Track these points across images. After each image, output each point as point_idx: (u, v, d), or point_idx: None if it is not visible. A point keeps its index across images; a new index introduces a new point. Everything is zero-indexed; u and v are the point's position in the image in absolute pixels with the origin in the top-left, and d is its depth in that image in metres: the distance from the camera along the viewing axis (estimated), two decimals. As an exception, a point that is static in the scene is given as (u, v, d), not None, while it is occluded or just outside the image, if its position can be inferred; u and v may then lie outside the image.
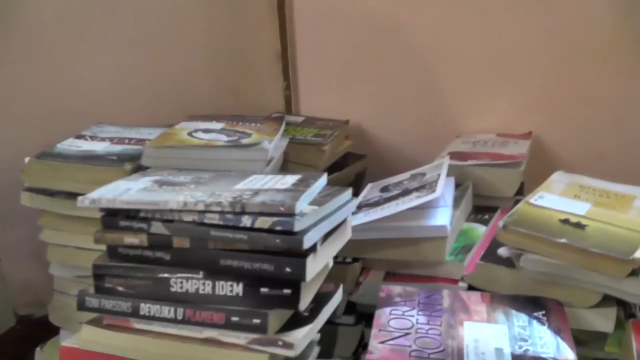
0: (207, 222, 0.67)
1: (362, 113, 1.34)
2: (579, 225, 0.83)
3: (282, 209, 0.64)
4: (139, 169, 0.87)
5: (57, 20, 1.08)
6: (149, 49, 1.21)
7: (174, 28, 1.25)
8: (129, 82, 1.19)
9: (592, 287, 0.79)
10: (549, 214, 0.86)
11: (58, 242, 0.91)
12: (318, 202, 0.71)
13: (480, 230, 0.96)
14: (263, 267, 0.66)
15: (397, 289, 0.83)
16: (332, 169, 1.16)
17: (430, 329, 0.74)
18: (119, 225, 0.71)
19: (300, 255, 0.65)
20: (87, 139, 0.98)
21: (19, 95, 1.11)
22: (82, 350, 0.72)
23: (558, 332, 0.73)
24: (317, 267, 0.68)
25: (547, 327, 0.74)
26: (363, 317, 0.92)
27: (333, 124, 1.22)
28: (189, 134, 0.94)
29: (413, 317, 0.77)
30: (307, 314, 0.72)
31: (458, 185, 1.05)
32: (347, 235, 0.79)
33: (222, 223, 0.66)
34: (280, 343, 0.66)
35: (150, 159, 0.88)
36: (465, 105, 1.30)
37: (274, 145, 0.93)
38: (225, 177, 0.79)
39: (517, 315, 0.76)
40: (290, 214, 0.64)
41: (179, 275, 0.69)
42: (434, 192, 0.88)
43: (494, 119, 1.28)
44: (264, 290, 0.67)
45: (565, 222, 0.84)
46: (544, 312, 0.77)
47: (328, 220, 0.70)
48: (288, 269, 0.65)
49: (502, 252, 0.86)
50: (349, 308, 0.93)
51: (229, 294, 0.68)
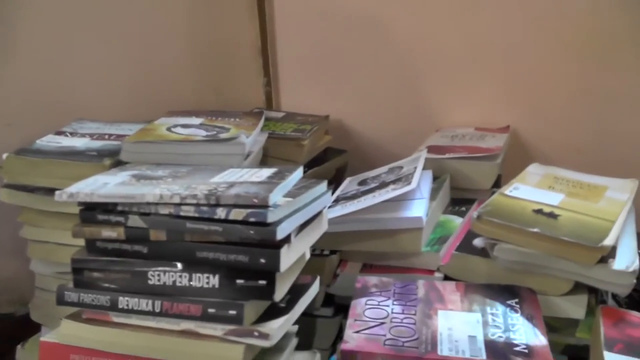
0: (182, 214, 0.68)
1: (342, 108, 1.36)
2: (552, 215, 0.84)
3: (255, 201, 0.65)
4: (119, 165, 0.87)
5: (37, 16, 1.08)
6: (131, 46, 1.21)
7: (155, 25, 1.25)
8: (111, 78, 1.19)
9: (564, 275, 0.80)
10: (523, 205, 0.88)
11: (38, 238, 0.91)
12: (293, 194, 0.71)
13: (457, 222, 0.97)
14: (238, 258, 0.67)
15: (373, 280, 0.84)
16: (312, 164, 1.17)
17: (405, 318, 0.75)
18: (97, 219, 0.71)
19: (274, 246, 0.65)
20: (67, 135, 0.98)
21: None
22: (61, 345, 0.73)
23: (530, 319, 0.74)
24: (291, 258, 0.69)
25: (520, 314, 0.75)
26: (341, 308, 0.93)
27: (313, 119, 1.23)
28: (168, 129, 0.94)
29: (388, 306, 0.78)
30: (283, 305, 0.73)
31: (436, 178, 1.06)
32: (323, 227, 0.79)
33: (197, 215, 0.67)
34: (256, 334, 0.67)
35: (129, 154, 0.88)
36: (445, 100, 1.31)
37: (252, 140, 0.93)
38: (203, 170, 0.80)
39: (491, 304, 0.77)
40: (264, 206, 0.65)
41: (157, 268, 0.70)
42: (410, 184, 0.89)
43: (473, 114, 1.29)
44: (240, 282, 0.67)
45: (539, 212, 0.85)
46: (517, 300, 0.78)
47: (302, 212, 0.71)
48: (262, 260, 0.66)
49: (477, 242, 0.87)
50: (328, 300, 0.94)
51: (206, 286, 0.68)
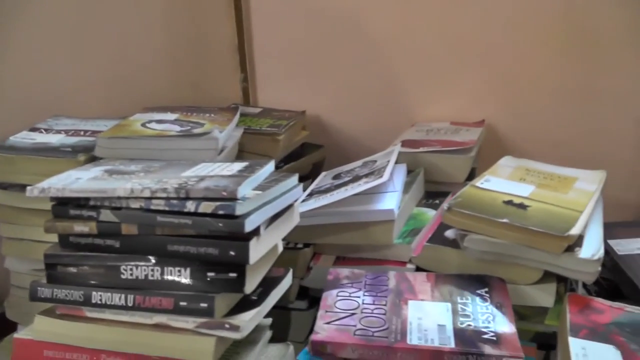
0: (153, 208, 0.68)
1: (319, 104, 1.37)
2: (522, 206, 0.86)
3: (224, 194, 0.66)
4: (93, 160, 0.87)
5: (12, 13, 1.08)
6: (107, 42, 1.21)
7: (132, 21, 1.25)
8: (87, 75, 1.18)
9: (533, 264, 0.82)
10: (494, 196, 0.89)
11: (13, 235, 0.91)
12: (263, 187, 0.72)
13: (430, 215, 0.98)
14: (208, 251, 0.67)
15: (345, 272, 0.85)
16: (289, 159, 1.18)
17: (376, 309, 0.76)
18: (69, 214, 0.72)
19: (244, 239, 0.66)
20: (41, 132, 0.98)
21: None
22: (35, 342, 0.73)
23: (500, 307, 0.76)
24: (261, 250, 0.69)
25: (489, 303, 0.77)
26: (316, 301, 0.93)
27: (289, 115, 1.24)
28: (143, 125, 0.94)
29: (359, 297, 0.79)
30: (255, 298, 0.73)
31: (411, 172, 1.07)
32: (294, 221, 0.80)
33: (167, 209, 0.68)
34: (227, 326, 0.67)
35: (103, 150, 0.89)
36: (421, 95, 1.32)
37: (226, 135, 0.94)
38: (175, 165, 0.80)
39: (460, 293, 0.79)
40: (233, 199, 0.65)
41: (129, 263, 0.70)
42: (381, 177, 0.90)
43: (449, 108, 1.30)
44: (211, 275, 0.68)
45: (509, 203, 0.87)
46: (487, 289, 0.80)
47: (272, 205, 0.71)
48: (232, 253, 0.66)
49: (448, 234, 0.89)
50: (302, 293, 0.94)
51: (177, 279, 0.69)
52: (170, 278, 0.69)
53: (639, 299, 0.82)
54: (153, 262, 0.69)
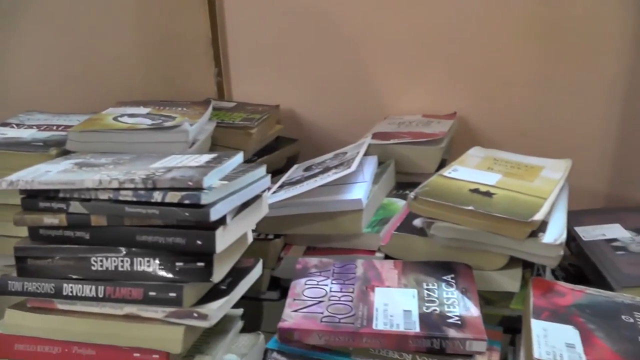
0: (121, 199, 0.69)
1: (293, 98, 1.37)
2: (488, 194, 0.87)
3: (190, 184, 0.67)
4: (65, 154, 0.88)
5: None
6: (81, 37, 1.21)
7: (106, 16, 1.26)
8: (60, 70, 1.19)
9: (498, 250, 0.83)
10: (460, 185, 0.90)
11: (-17, 231, 0.92)
12: (230, 178, 0.73)
13: (400, 205, 1.00)
14: (176, 241, 0.68)
15: (313, 261, 0.86)
16: (262, 153, 1.18)
17: (343, 296, 0.77)
18: (39, 207, 0.72)
19: (210, 228, 0.67)
20: (13, 127, 0.98)
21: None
22: (6, 335, 0.74)
23: (465, 292, 0.77)
24: (228, 239, 0.71)
25: (454, 288, 0.78)
26: (287, 292, 0.94)
27: (263, 109, 1.24)
28: (115, 119, 0.95)
29: (327, 286, 0.80)
30: (225, 287, 0.74)
31: (382, 163, 1.09)
32: (263, 211, 0.81)
33: (135, 199, 0.69)
34: (195, 315, 0.69)
35: (75, 144, 0.89)
36: (394, 88, 1.33)
37: (197, 128, 0.95)
38: (145, 157, 0.81)
39: (427, 280, 0.80)
40: (199, 188, 0.67)
41: (99, 254, 0.71)
42: (350, 167, 0.91)
43: (421, 101, 1.32)
44: (179, 264, 0.69)
45: (475, 191, 0.88)
46: (453, 275, 0.81)
47: (238, 195, 0.72)
48: (199, 242, 0.67)
49: (416, 222, 0.90)
50: (274, 284, 0.95)
51: (147, 270, 0.70)
52: (140, 269, 0.70)
53: (602, 283, 0.85)
54: (123, 253, 0.70)
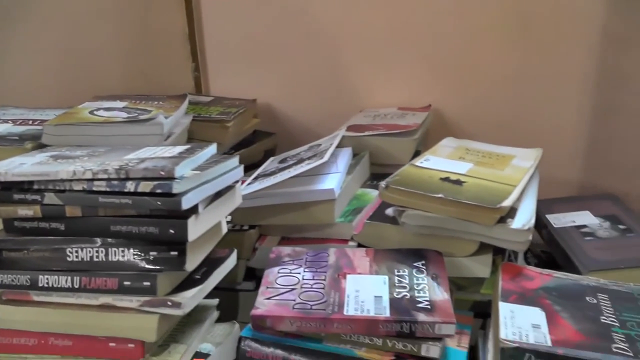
0: (95, 189, 0.70)
1: (270, 92, 1.38)
2: (458, 182, 0.89)
3: (162, 173, 0.68)
4: (41, 148, 0.88)
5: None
6: (57, 31, 1.21)
7: (83, 10, 1.25)
8: (37, 64, 1.18)
9: (468, 236, 0.85)
10: (431, 174, 0.92)
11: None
12: (202, 167, 0.74)
13: (373, 195, 1.01)
14: (149, 230, 0.69)
15: (287, 250, 0.87)
16: (240, 146, 1.20)
17: (315, 284, 0.78)
18: (13, 199, 0.73)
19: (182, 217, 0.68)
20: (-13, 122, 0.99)
21: None
22: (-18, 329, 0.74)
23: (435, 278, 0.79)
24: (200, 228, 0.72)
25: (425, 274, 0.80)
26: (262, 281, 0.96)
27: (240, 103, 1.25)
28: (91, 112, 0.95)
29: (299, 274, 0.81)
30: (199, 277, 0.75)
31: (356, 155, 1.10)
32: (236, 201, 0.82)
33: (108, 190, 0.69)
34: (169, 303, 0.70)
35: (50, 137, 0.89)
36: (369, 82, 1.35)
37: (172, 121, 0.95)
38: (119, 150, 0.82)
39: (398, 267, 0.81)
40: (170, 178, 0.68)
41: (74, 245, 0.72)
42: (322, 158, 0.92)
43: (397, 94, 1.33)
44: (153, 254, 0.70)
45: (445, 180, 0.90)
46: (424, 262, 0.83)
47: (211, 184, 0.73)
48: (172, 231, 0.69)
49: (388, 211, 0.91)
50: (249, 274, 0.96)
51: (122, 260, 0.71)
52: (115, 259, 0.71)
53: (571, 267, 0.87)
54: (98, 243, 0.71)
